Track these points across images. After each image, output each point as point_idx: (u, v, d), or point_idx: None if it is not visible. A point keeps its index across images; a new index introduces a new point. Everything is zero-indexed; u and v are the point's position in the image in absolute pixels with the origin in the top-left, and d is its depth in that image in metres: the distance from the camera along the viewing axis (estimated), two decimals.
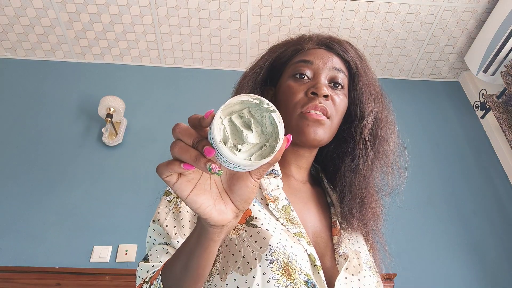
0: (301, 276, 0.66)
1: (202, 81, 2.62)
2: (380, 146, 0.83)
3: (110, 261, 1.91)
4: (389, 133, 0.85)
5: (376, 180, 0.84)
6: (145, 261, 0.71)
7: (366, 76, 0.84)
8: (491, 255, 2.10)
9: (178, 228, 0.71)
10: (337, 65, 0.81)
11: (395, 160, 0.85)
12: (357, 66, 0.83)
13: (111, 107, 2.26)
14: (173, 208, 0.73)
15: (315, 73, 0.80)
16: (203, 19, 2.44)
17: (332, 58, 0.82)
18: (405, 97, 2.67)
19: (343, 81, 0.82)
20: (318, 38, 0.86)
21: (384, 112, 0.85)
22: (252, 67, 0.89)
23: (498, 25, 2.31)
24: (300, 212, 0.77)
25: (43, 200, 2.07)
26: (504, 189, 2.33)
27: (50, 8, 2.36)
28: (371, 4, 2.39)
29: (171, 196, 0.75)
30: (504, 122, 2.29)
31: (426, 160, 2.41)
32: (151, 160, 2.24)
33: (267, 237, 0.67)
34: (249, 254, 0.65)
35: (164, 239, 0.72)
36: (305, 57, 0.82)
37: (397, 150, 0.86)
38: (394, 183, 0.85)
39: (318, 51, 0.83)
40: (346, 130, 0.84)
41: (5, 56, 2.60)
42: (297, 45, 0.86)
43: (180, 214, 0.72)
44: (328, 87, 0.79)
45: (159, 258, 0.70)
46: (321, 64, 0.80)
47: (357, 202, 0.80)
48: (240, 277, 0.64)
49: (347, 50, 0.84)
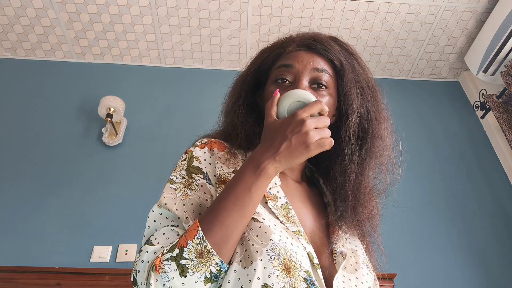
0: (301, 273, 0.66)
1: (202, 81, 2.62)
2: (372, 142, 0.81)
3: (110, 261, 1.91)
4: (382, 128, 0.82)
5: (370, 179, 0.83)
6: (148, 244, 0.66)
7: (353, 72, 0.82)
8: (491, 255, 2.10)
9: (189, 212, 0.70)
10: (319, 66, 0.80)
11: (389, 156, 0.84)
12: (342, 63, 0.82)
13: (111, 107, 2.26)
14: (182, 195, 0.72)
15: (295, 76, 0.79)
16: (203, 19, 2.44)
17: (313, 59, 0.80)
18: (405, 97, 2.67)
19: (328, 81, 0.80)
20: (301, 39, 0.85)
21: (376, 107, 0.83)
22: (241, 75, 0.90)
23: (498, 25, 2.31)
24: (297, 211, 0.78)
25: (43, 200, 2.07)
26: (504, 189, 2.33)
27: (50, 8, 2.36)
28: (371, 4, 2.39)
29: (177, 185, 0.74)
30: (504, 122, 2.30)
31: (426, 160, 2.41)
32: (151, 160, 2.24)
33: (269, 232, 0.67)
34: (250, 248, 0.66)
35: (173, 222, 0.70)
36: (286, 61, 0.81)
37: (391, 145, 0.84)
38: (388, 180, 0.84)
39: (299, 53, 0.82)
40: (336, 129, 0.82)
41: (5, 56, 2.60)
42: (280, 48, 0.85)
43: (190, 200, 0.71)
44: (310, 89, 0.78)
45: (168, 240, 0.66)
46: (301, 67, 0.79)
47: (349, 204, 0.79)
48: (241, 269, 0.65)
49: (329, 48, 0.82)
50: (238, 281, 0.64)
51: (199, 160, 0.77)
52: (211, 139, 0.82)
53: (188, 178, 0.74)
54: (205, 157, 0.78)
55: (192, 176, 0.74)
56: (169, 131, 2.37)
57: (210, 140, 0.81)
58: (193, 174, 0.75)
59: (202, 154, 0.78)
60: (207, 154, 0.78)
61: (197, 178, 0.74)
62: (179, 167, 0.77)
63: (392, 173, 0.84)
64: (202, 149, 0.79)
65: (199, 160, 0.77)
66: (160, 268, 0.60)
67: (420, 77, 2.80)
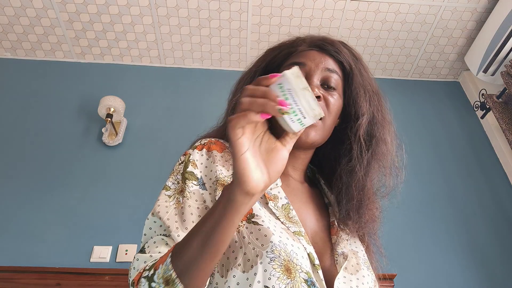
0: (301, 274, 0.66)
1: (202, 81, 2.62)
2: (377, 147, 0.82)
3: (110, 261, 1.91)
4: (386, 133, 0.84)
5: (374, 182, 0.84)
6: (141, 253, 0.69)
7: (361, 76, 0.84)
8: (491, 255, 2.10)
9: (179, 222, 0.70)
10: (330, 66, 0.81)
11: (392, 160, 0.85)
12: (351, 66, 0.83)
13: (111, 107, 2.26)
14: (174, 204, 0.73)
15: (307, 74, 0.80)
16: (203, 19, 2.44)
17: (325, 59, 0.82)
18: (405, 97, 2.67)
19: (337, 82, 0.82)
20: (311, 40, 0.86)
21: (381, 112, 0.85)
22: (247, 70, 0.90)
23: (498, 25, 2.31)
24: (298, 211, 0.78)
25: (43, 200, 2.07)
26: (504, 189, 2.33)
27: (50, 8, 2.36)
28: (371, 4, 2.39)
29: (171, 192, 0.75)
30: (504, 122, 2.30)
31: (426, 160, 2.41)
32: (151, 160, 2.24)
33: (268, 234, 0.67)
34: (250, 251, 0.66)
35: (165, 231, 0.71)
36: (298, 59, 0.83)
37: (394, 150, 0.86)
38: (392, 184, 0.85)
39: (311, 52, 0.83)
40: (342, 131, 0.84)
41: (5, 56, 2.60)
42: (290, 47, 0.86)
43: (182, 209, 0.72)
44: (320, 88, 0.80)
45: (158, 248, 0.68)
46: (313, 66, 0.81)
47: (354, 204, 0.80)
48: (240, 274, 0.65)
49: (340, 51, 0.84)
50: (238, 286, 0.64)
51: (195, 164, 0.77)
52: (211, 139, 0.82)
53: (182, 184, 0.74)
54: (202, 161, 0.77)
55: (186, 183, 0.74)
56: (169, 131, 2.37)
57: (210, 141, 0.81)
58: (187, 180, 0.75)
59: (199, 157, 0.78)
60: (205, 157, 0.78)
61: (190, 184, 0.74)
62: (176, 171, 0.78)
63: (396, 177, 0.85)
64: (200, 151, 0.79)
65: (195, 165, 0.77)
66: (138, 284, 0.62)
67: (420, 77, 2.80)
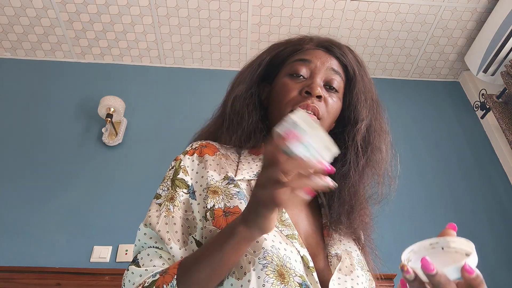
0: (295, 278, 0.66)
1: (202, 81, 2.62)
2: (372, 154, 0.83)
3: (110, 261, 1.91)
4: (382, 142, 0.85)
5: (366, 188, 0.84)
6: (135, 265, 0.70)
7: (363, 82, 0.85)
8: (491, 255, 2.10)
9: (171, 233, 0.70)
10: (335, 67, 0.82)
11: (386, 169, 0.85)
12: (354, 71, 0.84)
13: (111, 107, 2.26)
14: (165, 212, 0.72)
15: (311, 72, 0.81)
16: (203, 19, 2.44)
17: (330, 59, 0.83)
18: (405, 97, 2.67)
19: (339, 85, 0.82)
20: (318, 40, 0.87)
21: (378, 120, 0.86)
22: (250, 63, 0.90)
23: (498, 25, 2.31)
24: (291, 213, 0.77)
25: (43, 200, 2.07)
26: (504, 189, 2.33)
27: (50, 8, 2.36)
28: (371, 4, 2.39)
29: (162, 199, 0.74)
30: (504, 122, 2.30)
31: (426, 160, 2.40)
32: (151, 160, 2.24)
33: (260, 240, 0.66)
34: (243, 258, 0.65)
35: (156, 243, 0.71)
36: (304, 56, 0.83)
37: (389, 159, 0.86)
38: (384, 192, 0.85)
39: (317, 51, 0.84)
40: (338, 134, 0.84)
41: (5, 56, 2.60)
42: (297, 45, 0.87)
43: (173, 219, 0.71)
44: (322, 88, 0.80)
45: (152, 262, 0.68)
46: (319, 64, 0.81)
47: (345, 209, 0.80)
48: (235, 281, 0.64)
49: (346, 54, 0.84)
50: None
51: (186, 171, 0.76)
52: (202, 142, 0.81)
53: (172, 191, 0.74)
54: (193, 167, 0.77)
55: (176, 190, 0.74)
56: (169, 131, 2.37)
57: (201, 144, 0.81)
58: (177, 188, 0.74)
59: (190, 163, 0.77)
60: (196, 163, 0.77)
61: (180, 193, 0.74)
62: (166, 177, 0.77)
63: (389, 186, 0.86)
64: (191, 157, 0.78)
65: (186, 172, 0.76)
66: None
67: (420, 77, 2.80)
